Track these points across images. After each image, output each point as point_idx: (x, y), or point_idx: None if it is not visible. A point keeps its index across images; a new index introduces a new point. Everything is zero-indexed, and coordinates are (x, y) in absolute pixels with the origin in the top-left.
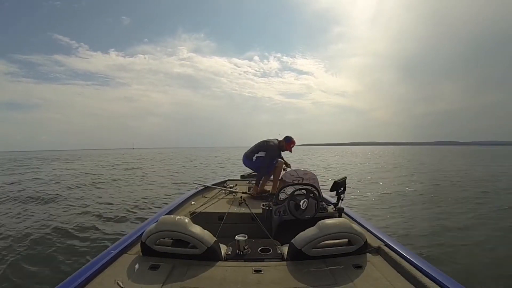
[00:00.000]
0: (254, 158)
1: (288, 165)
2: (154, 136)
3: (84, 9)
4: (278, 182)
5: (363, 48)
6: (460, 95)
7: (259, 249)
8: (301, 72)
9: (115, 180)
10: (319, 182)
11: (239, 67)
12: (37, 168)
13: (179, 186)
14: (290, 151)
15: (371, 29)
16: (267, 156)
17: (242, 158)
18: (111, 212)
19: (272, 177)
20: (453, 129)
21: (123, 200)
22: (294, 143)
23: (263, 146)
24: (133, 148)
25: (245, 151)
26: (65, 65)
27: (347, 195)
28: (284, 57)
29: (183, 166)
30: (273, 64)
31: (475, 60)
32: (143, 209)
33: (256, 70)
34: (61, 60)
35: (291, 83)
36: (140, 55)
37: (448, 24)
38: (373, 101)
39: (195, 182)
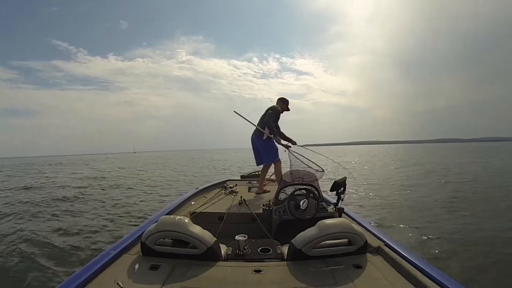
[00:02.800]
0: (264, 136)
1: (293, 143)
2: (155, 139)
3: (82, 14)
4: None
5: (361, 47)
6: (459, 91)
7: (259, 249)
8: (300, 73)
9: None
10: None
11: (238, 68)
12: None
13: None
14: (289, 110)
15: (369, 27)
16: (271, 114)
17: (251, 137)
18: (111, 213)
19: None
20: (453, 126)
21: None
22: (288, 101)
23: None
24: (135, 152)
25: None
26: (64, 70)
27: (347, 195)
28: (283, 57)
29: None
30: (272, 65)
31: (474, 56)
32: (143, 209)
33: (255, 72)
34: (60, 65)
35: (291, 84)
36: (139, 58)
37: (445, 20)
38: (373, 99)
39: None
